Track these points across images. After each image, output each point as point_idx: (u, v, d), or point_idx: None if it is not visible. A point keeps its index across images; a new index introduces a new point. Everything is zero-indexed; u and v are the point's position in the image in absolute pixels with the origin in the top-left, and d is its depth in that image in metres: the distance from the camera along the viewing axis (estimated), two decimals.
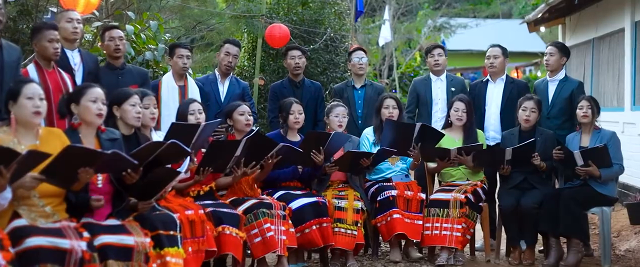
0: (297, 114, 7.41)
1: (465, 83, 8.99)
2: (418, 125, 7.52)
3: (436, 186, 8.29)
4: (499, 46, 8.50)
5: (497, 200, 8.09)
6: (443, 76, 8.71)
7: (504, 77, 8.50)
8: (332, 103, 7.89)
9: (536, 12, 15.13)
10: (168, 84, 7.78)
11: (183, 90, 7.80)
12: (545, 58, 8.35)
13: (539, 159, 7.60)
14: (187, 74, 7.93)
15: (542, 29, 17.10)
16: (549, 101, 8.24)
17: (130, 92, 5.85)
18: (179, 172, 5.57)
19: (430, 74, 8.76)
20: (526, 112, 7.80)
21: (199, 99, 7.32)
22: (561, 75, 8.35)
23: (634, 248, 8.52)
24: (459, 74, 22.45)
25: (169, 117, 7.01)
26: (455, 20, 32.42)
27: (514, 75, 17.76)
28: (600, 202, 7.54)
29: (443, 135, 7.70)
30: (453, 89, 8.58)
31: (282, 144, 6.80)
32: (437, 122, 8.43)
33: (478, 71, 30.54)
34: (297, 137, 7.48)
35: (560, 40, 15.80)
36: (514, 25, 42.43)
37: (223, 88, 8.25)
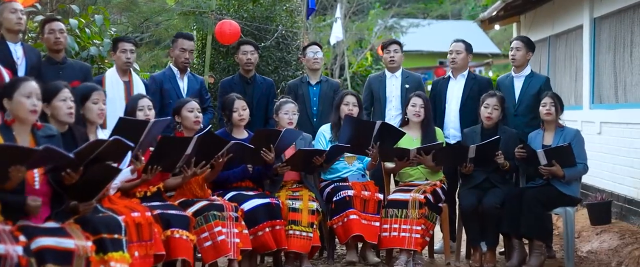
0: (241, 111, 7.18)
1: (422, 80, 8.82)
2: (378, 123, 7.31)
3: (393, 186, 8.10)
4: (463, 41, 8.34)
5: (457, 200, 7.91)
6: (398, 73, 8.54)
7: (465, 73, 8.34)
8: (281, 100, 7.68)
9: (491, 10, 15.02)
10: (112, 79, 7.52)
11: (128, 86, 7.56)
12: (511, 53, 8.18)
13: (502, 158, 7.43)
14: (131, 69, 7.69)
15: (497, 27, 16.93)
16: (516, 98, 8.10)
17: (59, 87, 5.45)
18: (119, 170, 5.25)
19: (386, 70, 8.60)
20: (488, 109, 7.63)
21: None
22: (527, 71, 8.19)
23: (596, 249, 8.41)
24: None
25: (113, 113, 6.68)
26: (406, 21, 32.43)
27: None
28: (564, 202, 7.37)
29: (403, 134, 7.50)
30: (407, 86, 8.42)
31: (233, 141, 6.59)
32: (390, 120, 8.23)
33: (429, 71, 30.81)
34: (243, 134, 7.27)
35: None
36: (464, 26, 43.08)
37: (183, 84, 8.03)
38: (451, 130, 8.26)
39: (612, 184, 10.12)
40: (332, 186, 7.56)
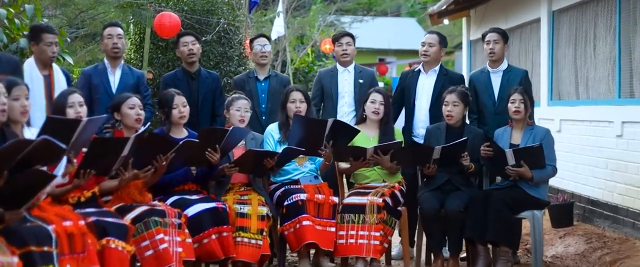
0: (181, 107, 6.74)
1: (376, 75, 8.50)
2: (330, 121, 6.95)
3: (347, 189, 7.80)
4: (437, 33, 7.98)
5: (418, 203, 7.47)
6: (351, 67, 8.18)
7: (437, 68, 7.97)
8: (234, 95, 7.30)
9: (441, 3, 14.80)
10: (31, 73, 6.96)
11: (48, 80, 7.03)
12: (488, 47, 7.80)
13: (468, 160, 7.09)
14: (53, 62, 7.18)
15: (446, 21, 16.76)
16: (496, 95, 7.75)
17: None
18: (54, 176, 4.80)
19: (337, 64, 8.23)
20: (448, 106, 7.28)
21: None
22: (504, 65, 7.85)
23: (561, 254, 8.20)
24: None
25: (33, 109, 6.14)
26: (346, 18, 32.29)
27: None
28: (531, 205, 7.04)
29: (358, 131, 7.12)
30: (361, 81, 8.09)
31: (183, 140, 6.22)
32: (343, 117, 7.88)
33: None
34: (183, 134, 6.83)
35: (464, 33, 15.68)
36: (403, 23, 43.32)
37: (114, 78, 7.55)
38: (420, 129, 7.88)
39: (574, 184, 9.90)
40: (283, 189, 7.17)
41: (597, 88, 9.59)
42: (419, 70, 8.03)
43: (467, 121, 7.53)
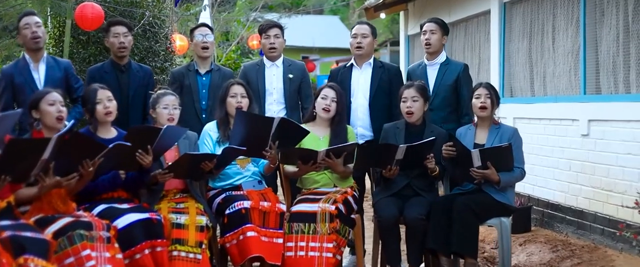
0: (106, 102, 6.20)
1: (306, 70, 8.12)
2: (277, 119, 6.46)
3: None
4: (368, 24, 7.61)
5: (372, 211, 7.05)
6: (279, 61, 7.80)
7: (371, 61, 7.58)
8: (159, 91, 6.75)
9: None
10: None
11: None
12: (425, 37, 7.47)
13: (433, 162, 6.61)
14: None
15: (383, 15, 16.44)
16: (431, 90, 7.35)
17: None
18: None
19: (264, 58, 7.81)
20: (407, 102, 6.81)
21: None
22: (442, 57, 7.51)
23: (524, 263, 7.80)
24: None
25: None
26: (270, 15, 32.07)
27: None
28: (498, 211, 6.58)
29: (307, 133, 6.64)
30: (291, 76, 7.75)
31: (114, 144, 5.63)
32: (271, 116, 7.34)
33: None
34: (111, 133, 6.30)
35: (402, 28, 15.39)
36: (326, 20, 43.52)
37: (38, 74, 7.11)
38: (359, 128, 7.48)
39: (531, 187, 9.54)
40: (224, 195, 6.64)
41: (557, 84, 9.26)
42: (351, 65, 7.67)
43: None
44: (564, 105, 8.85)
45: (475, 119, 6.83)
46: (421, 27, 7.55)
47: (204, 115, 7.54)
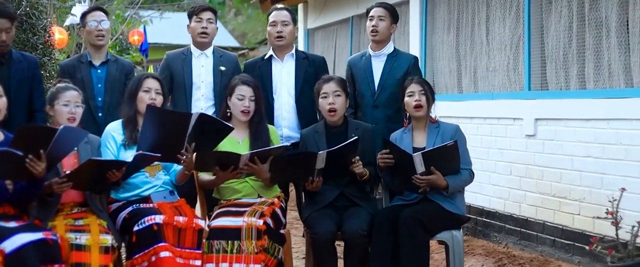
0: None
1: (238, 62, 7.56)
2: (195, 114, 5.71)
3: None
4: (287, 9, 7.15)
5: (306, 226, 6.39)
6: (209, 51, 7.20)
7: (293, 52, 7.10)
8: (59, 85, 5.99)
9: None
10: None
11: None
12: (371, 23, 6.88)
13: (361, 166, 5.98)
14: None
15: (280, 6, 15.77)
16: (376, 84, 6.88)
17: None
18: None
19: (192, 46, 7.24)
20: (328, 98, 6.24)
21: None
22: (389, 48, 6.99)
23: None
24: (151, 69, 21.62)
25: None
26: (145, 12, 31.89)
27: None
28: (448, 223, 5.97)
29: (231, 129, 5.90)
30: (223, 68, 7.14)
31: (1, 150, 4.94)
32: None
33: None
34: None
35: (301, 22, 14.78)
36: None
37: None
38: (285, 129, 6.95)
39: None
40: (130, 209, 5.84)
41: (492, 80, 8.75)
42: (270, 57, 7.10)
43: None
44: (503, 103, 8.34)
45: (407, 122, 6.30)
46: (367, 12, 7.00)
47: (100, 114, 6.94)
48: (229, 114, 6.31)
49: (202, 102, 7.03)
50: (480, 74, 8.96)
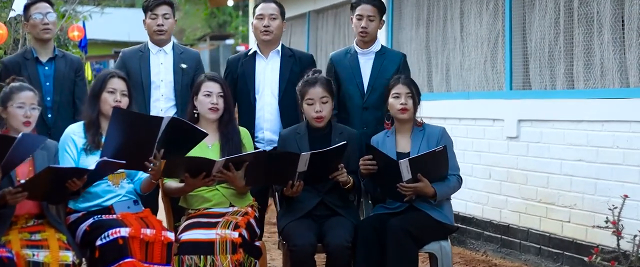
0: None
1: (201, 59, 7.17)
2: (167, 118, 5.29)
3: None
4: (275, 2, 6.62)
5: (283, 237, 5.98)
6: (168, 47, 6.80)
7: (279, 48, 6.66)
8: (13, 84, 5.51)
9: None
10: None
11: None
12: (361, 24, 6.39)
13: (345, 174, 5.62)
14: None
15: (230, 2, 15.82)
16: (365, 85, 6.45)
17: None
18: None
19: (149, 43, 6.84)
20: (315, 105, 5.86)
21: None
22: (377, 46, 6.53)
23: None
24: (89, 67, 21.60)
25: None
26: (83, 7, 31.58)
27: None
28: (437, 234, 5.62)
29: (204, 135, 5.48)
30: (184, 65, 6.77)
31: None
32: (157, 115, 6.52)
33: (104, 61, 31.45)
34: None
35: (251, 18, 14.22)
36: (139, 14, 43.77)
37: None
38: (266, 132, 6.54)
39: None
40: (91, 221, 5.41)
41: (466, 78, 8.45)
42: (255, 53, 6.66)
43: None
44: (480, 103, 8.05)
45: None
46: (353, 7, 6.53)
47: (49, 115, 6.56)
48: (196, 115, 5.93)
49: (162, 102, 6.70)
50: (453, 72, 8.70)
